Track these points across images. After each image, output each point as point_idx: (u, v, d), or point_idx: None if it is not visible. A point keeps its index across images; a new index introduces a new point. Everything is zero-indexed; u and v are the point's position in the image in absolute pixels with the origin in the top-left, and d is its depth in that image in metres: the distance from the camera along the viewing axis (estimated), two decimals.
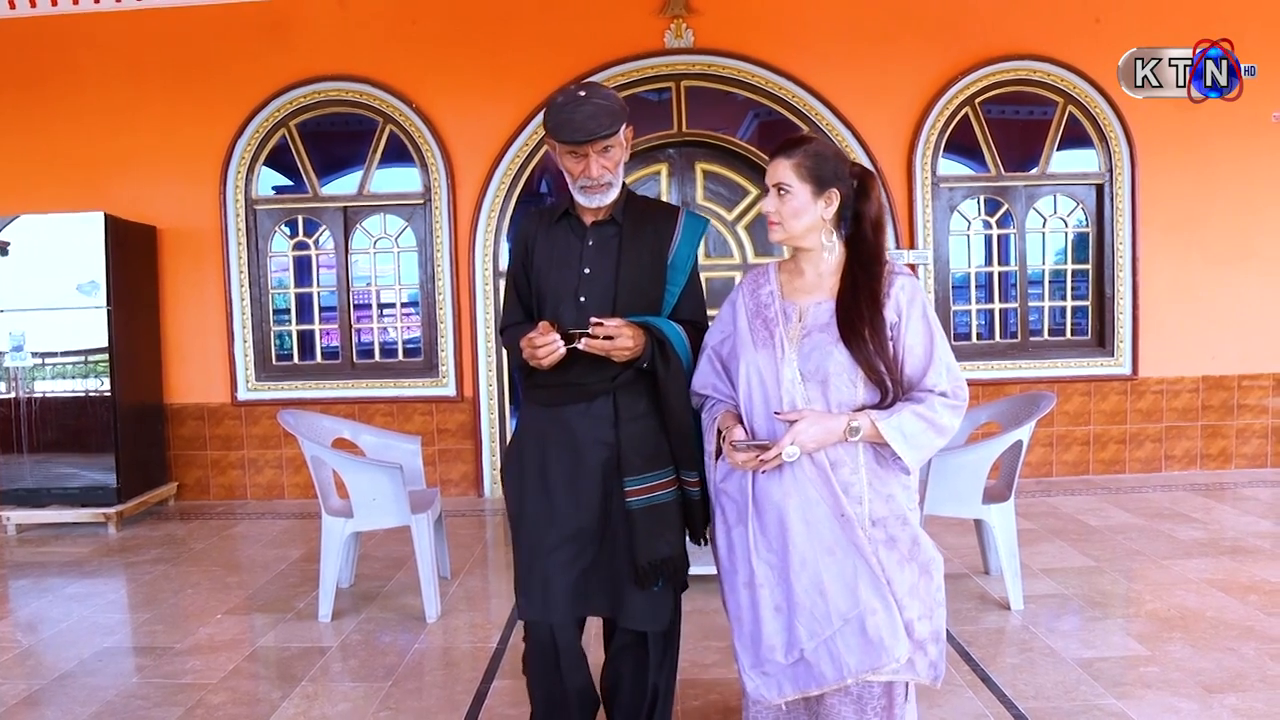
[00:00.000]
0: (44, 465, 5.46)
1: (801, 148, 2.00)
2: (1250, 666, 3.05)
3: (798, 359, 1.98)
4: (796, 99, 5.84)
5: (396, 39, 5.91)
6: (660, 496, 2.17)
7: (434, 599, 3.76)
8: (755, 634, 2.01)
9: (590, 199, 2.18)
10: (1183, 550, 4.38)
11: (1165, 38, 5.80)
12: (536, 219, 2.35)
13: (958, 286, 6.12)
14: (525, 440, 2.30)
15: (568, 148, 2.11)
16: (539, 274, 2.27)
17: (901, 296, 1.98)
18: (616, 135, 2.13)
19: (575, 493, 2.20)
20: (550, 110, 2.13)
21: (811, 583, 1.94)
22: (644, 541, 2.13)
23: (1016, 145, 6.04)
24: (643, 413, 2.20)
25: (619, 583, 2.20)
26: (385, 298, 6.19)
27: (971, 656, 3.20)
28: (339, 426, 4.30)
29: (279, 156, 6.06)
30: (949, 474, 3.60)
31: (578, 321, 2.14)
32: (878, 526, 1.96)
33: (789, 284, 2.09)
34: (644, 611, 2.21)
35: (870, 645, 1.92)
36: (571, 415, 2.21)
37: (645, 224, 2.24)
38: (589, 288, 2.20)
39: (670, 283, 2.24)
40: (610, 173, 2.15)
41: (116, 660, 3.42)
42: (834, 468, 1.96)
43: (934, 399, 1.95)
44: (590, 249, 2.22)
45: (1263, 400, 6.09)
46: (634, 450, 2.16)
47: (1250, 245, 6.01)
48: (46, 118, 6.02)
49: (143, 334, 5.84)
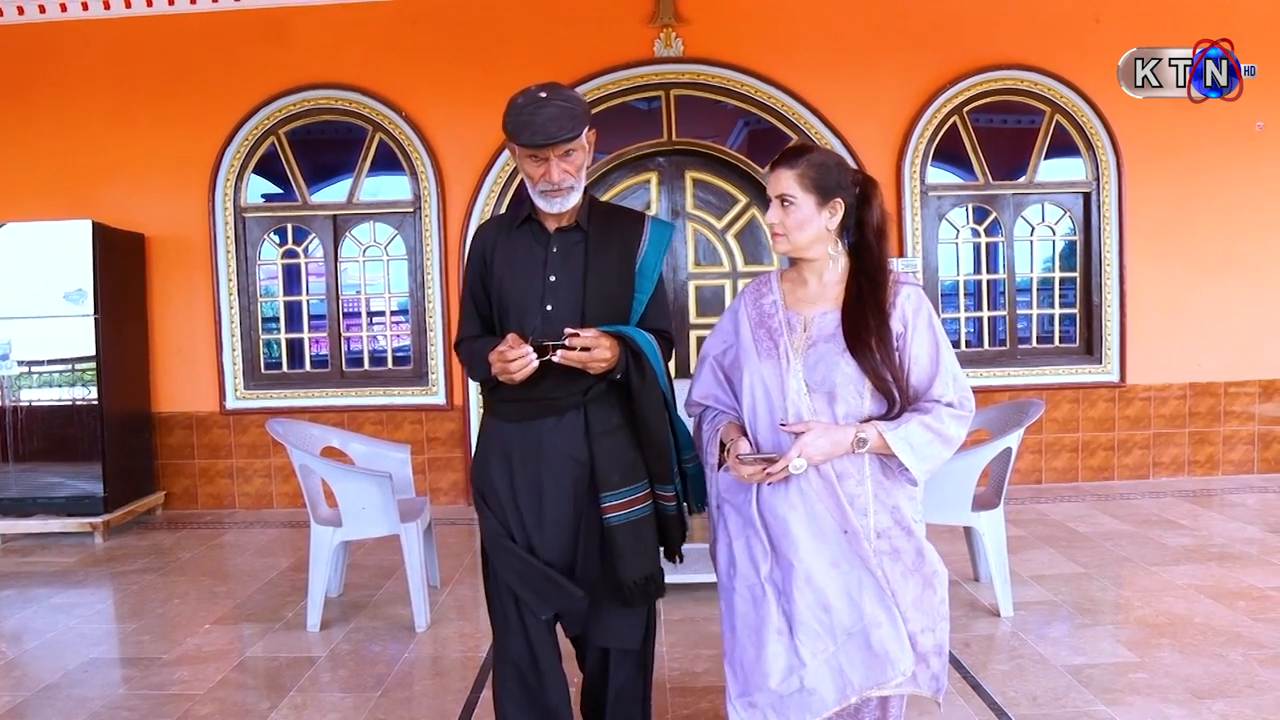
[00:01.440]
0: (30, 474, 5.41)
1: (804, 157, 1.97)
2: (1238, 672, 3.06)
3: (803, 370, 1.95)
4: (786, 108, 5.87)
5: (386, 47, 5.91)
6: (639, 511, 2.10)
7: (423, 608, 3.74)
8: (751, 656, 1.95)
9: (551, 204, 2.09)
10: (1171, 557, 4.40)
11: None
12: (494, 227, 2.26)
13: (946, 294, 6.15)
14: (490, 457, 2.19)
15: (528, 151, 2.04)
16: (500, 284, 2.17)
17: (907, 306, 1.95)
18: (579, 139, 2.05)
19: (546, 510, 2.12)
20: (509, 112, 2.04)
21: (816, 598, 1.90)
22: (629, 559, 2.07)
23: (1004, 154, 6.07)
24: (616, 425, 2.12)
25: (595, 601, 2.14)
26: (375, 306, 6.18)
27: (962, 664, 3.21)
28: (328, 435, 4.29)
29: (268, 164, 6.05)
30: (938, 481, 3.56)
31: (545, 331, 2.06)
32: (882, 538, 1.94)
33: (792, 294, 2.06)
34: (620, 629, 2.15)
35: (875, 659, 1.90)
36: (541, 430, 2.12)
37: (611, 230, 2.17)
38: (555, 296, 2.12)
39: (638, 290, 2.16)
40: (572, 177, 2.07)
41: (103, 671, 3.39)
42: (840, 480, 1.93)
43: (941, 409, 1.93)
44: (555, 256, 2.14)
45: (1249, 407, 6.13)
46: (610, 465, 2.08)
47: (1235, 253, 6.05)
48: (34, 125, 5.99)
49: (130, 342, 5.81)
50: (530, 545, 2.14)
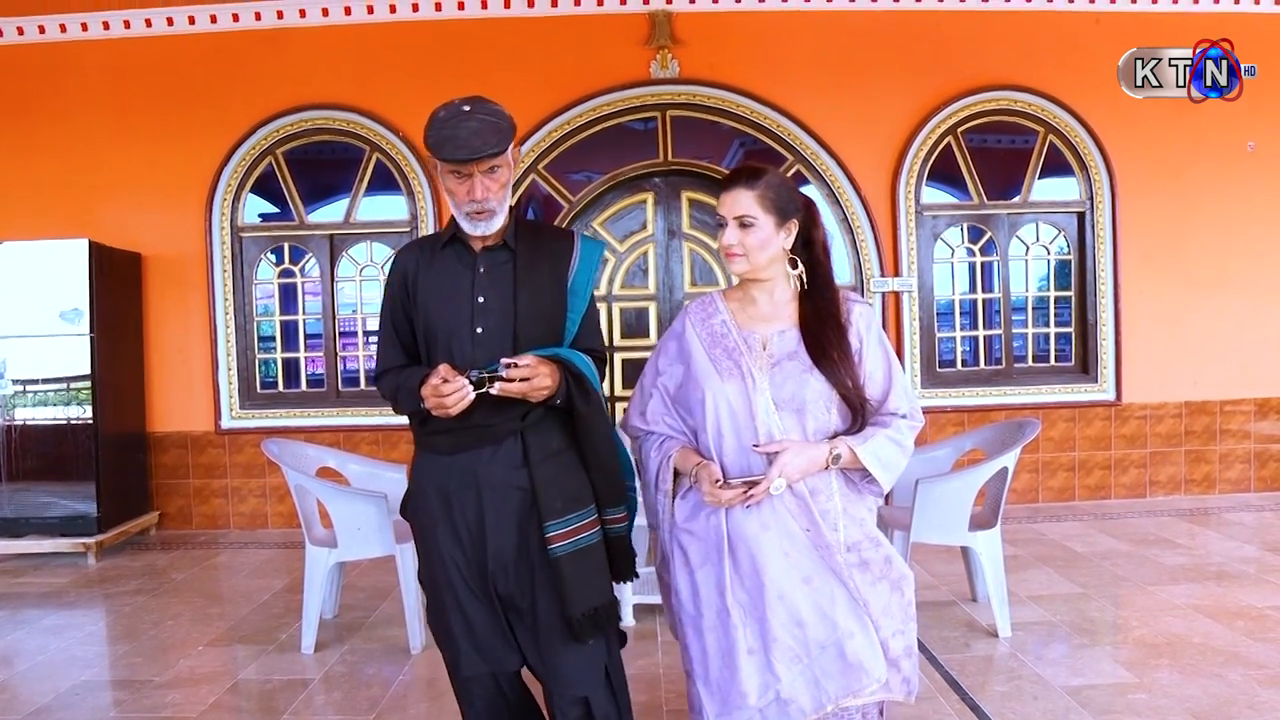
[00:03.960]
0: (23, 494, 5.38)
1: (762, 179, 1.98)
2: (1238, 693, 3.05)
3: (770, 388, 1.96)
4: (781, 128, 5.90)
5: (384, 68, 5.94)
6: (586, 539, 1.99)
7: (418, 629, 3.71)
8: (726, 678, 1.94)
9: (476, 227, 2.00)
10: (1169, 576, 4.39)
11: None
12: (415, 250, 2.15)
13: (942, 314, 6.16)
14: (426, 491, 2.07)
15: (450, 166, 1.95)
16: (425, 309, 2.06)
17: (861, 323, 2.02)
18: (503, 155, 1.97)
19: (487, 544, 2.01)
20: (431, 125, 1.95)
21: (789, 615, 1.92)
22: (575, 590, 1.95)
23: (998, 174, 6.11)
24: (555, 450, 2.03)
25: (548, 642, 2.01)
26: (371, 325, 6.17)
27: (960, 685, 3.19)
28: (324, 455, 4.27)
29: (265, 184, 6.06)
30: (935, 501, 3.60)
31: (475, 357, 1.98)
32: (852, 551, 1.97)
33: (741, 313, 2.07)
34: (575, 672, 2.02)
35: (850, 669, 1.92)
36: (476, 461, 2.01)
37: (540, 248, 2.08)
38: (485, 318, 2.02)
39: (571, 310, 2.08)
40: (495, 198, 1.98)
41: (94, 694, 3.36)
42: (812, 495, 1.96)
43: (898, 422, 2.01)
44: (482, 276, 2.04)
45: (1245, 425, 6.14)
46: (552, 492, 1.98)
47: (1229, 271, 6.09)
48: (32, 144, 6.00)
49: (126, 361, 5.80)
50: (483, 583, 2.03)
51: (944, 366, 6.13)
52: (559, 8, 5.88)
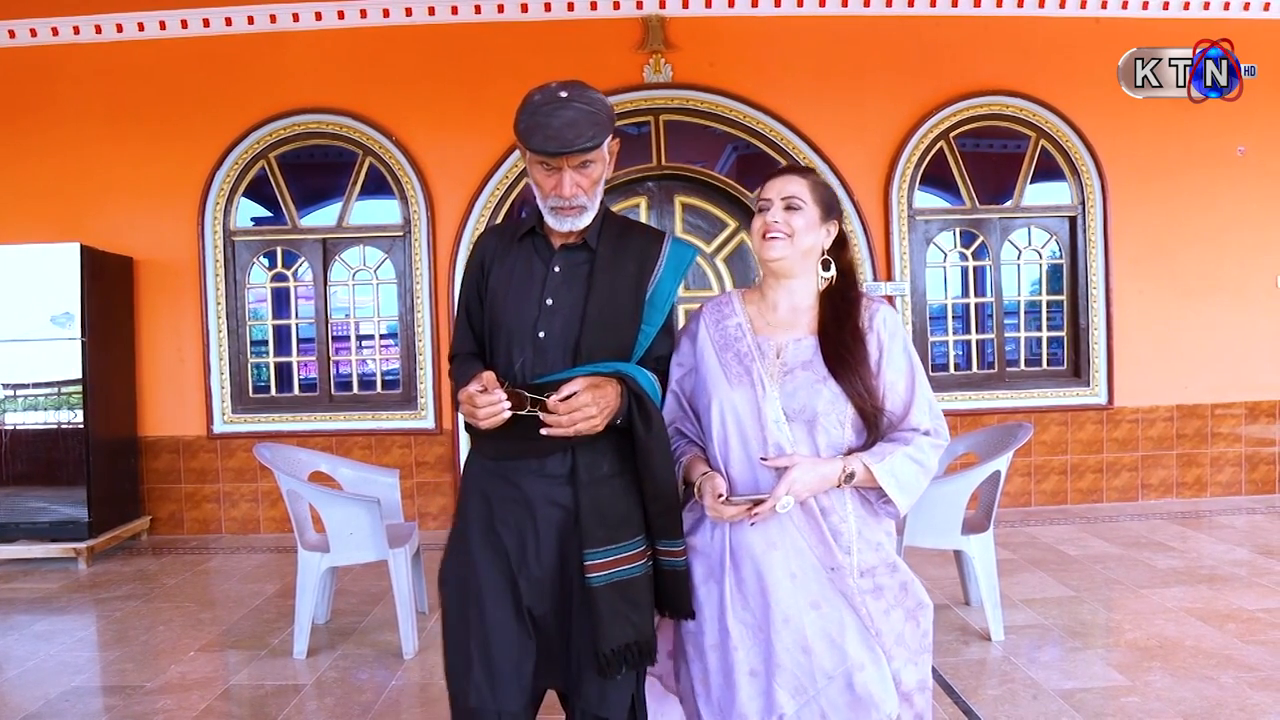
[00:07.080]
0: (13, 499, 5.35)
1: (813, 174, 2.00)
2: (1229, 695, 3.06)
3: (781, 397, 1.85)
4: (774, 133, 5.91)
5: (377, 72, 5.94)
6: (627, 571, 1.81)
7: (411, 635, 3.70)
8: (727, 700, 1.84)
9: (561, 223, 1.85)
10: (1161, 579, 4.40)
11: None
12: (495, 236, 2.01)
13: (934, 318, 6.18)
14: (470, 496, 1.94)
15: (539, 158, 1.79)
16: (494, 300, 1.91)
17: (884, 330, 1.89)
18: (599, 149, 1.82)
19: (527, 561, 1.85)
20: (523, 109, 1.79)
21: (795, 640, 1.80)
22: (607, 625, 1.78)
23: (991, 178, 6.14)
24: (607, 473, 1.84)
25: (579, 662, 1.86)
26: (364, 329, 6.17)
27: (953, 689, 3.19)
28: (316, 460, 4.26)
29: (258, 188, 6.05)
30: (928, 505, 3.60)
31: (531, 363, 1.84)
32: (865, 576, 1.84)
33: (759, 318, 1.96)
34: (601, 697, 1.85)
35: (858, 703, 1.78)
36: (520, 473, 1.85)
37: (624, 251, 1.91)
38: (549, 323, 1.85)
39: (646, 322, 1.89)
40: (586, 194, 1.83)
41: (84, 700, 3.34)
42: (824, 515, 1.84)
43: (920, 439, 1.86)
44: (555, 276, 1.88)
45: (1235, 429, 6.17)
46: (596, 518, 1.80)
47: (1220, 275, 6.12)
48: (24, 148, 5.98)
49: (117, 366, 5.77)
50: (514, 598, 1.86)
51: (936, 370, 6.14)
52: (552, 12, 5.89)
